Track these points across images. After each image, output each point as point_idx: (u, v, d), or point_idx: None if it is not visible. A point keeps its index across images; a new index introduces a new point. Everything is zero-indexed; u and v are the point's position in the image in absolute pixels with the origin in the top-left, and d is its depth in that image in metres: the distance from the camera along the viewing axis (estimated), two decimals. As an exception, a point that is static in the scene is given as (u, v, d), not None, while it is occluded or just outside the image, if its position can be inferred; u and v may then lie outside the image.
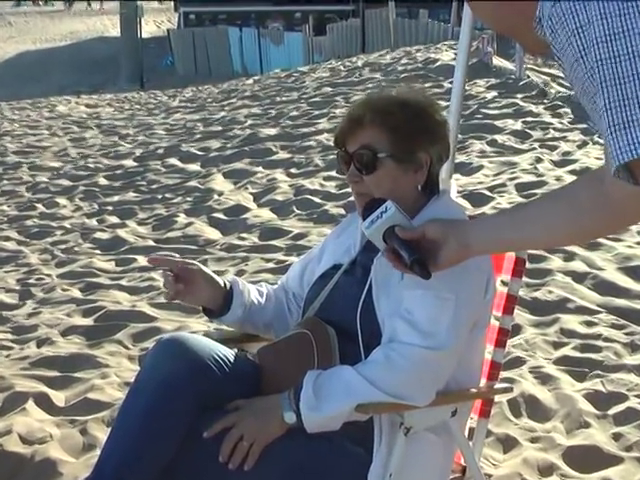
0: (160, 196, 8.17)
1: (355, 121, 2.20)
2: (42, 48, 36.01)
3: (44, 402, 3.70)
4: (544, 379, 3.75)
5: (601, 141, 1.45)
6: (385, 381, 2.01)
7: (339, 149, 2.24)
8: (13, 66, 30.62)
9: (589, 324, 4.36)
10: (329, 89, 13.13)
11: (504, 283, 2.45)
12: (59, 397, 3.79)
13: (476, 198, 6.74)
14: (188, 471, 2.05)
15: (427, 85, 11.25)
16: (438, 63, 13.37)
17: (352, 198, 2.34)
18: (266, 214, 7.19)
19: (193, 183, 8.49)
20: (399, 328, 2.06)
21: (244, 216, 7.12)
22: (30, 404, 3.63)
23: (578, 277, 4.99)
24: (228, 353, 2.19)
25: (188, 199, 7.91)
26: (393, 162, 2.17)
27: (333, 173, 8.15)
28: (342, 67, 15.95)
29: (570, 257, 5.31)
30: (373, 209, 1.89)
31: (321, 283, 2.30)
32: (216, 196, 7.83)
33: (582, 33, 1.24)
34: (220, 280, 2.33)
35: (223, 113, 12.87)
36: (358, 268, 2.24)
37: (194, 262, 2.33)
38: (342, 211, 6.69)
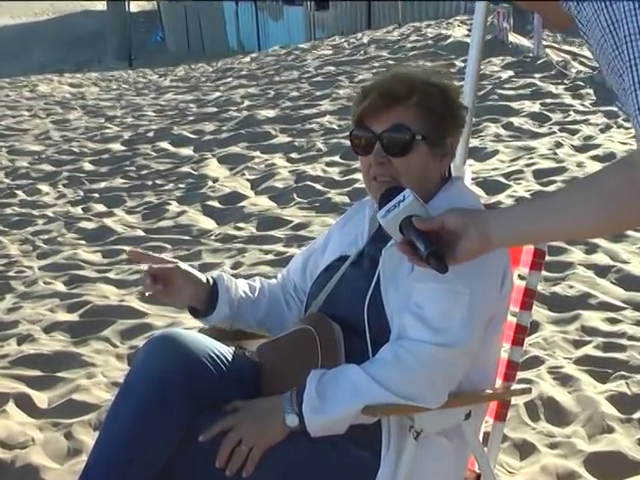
0: (150, 182, 8.17)
1: (391, 98, 2.17)
2: (21, 22, 35.98)
3: (25, 404, 3.70)
4: (564, 380, 3.75)
5: (626, 124, 1.45)
6: (394, 381, 2.01)
7: (359, 128, 2.22)
8: (-9, 42, 30.59)
9: (612, 321, 4.37)
10: (332, 68, 13.11)
11: (521, 277, 2.45)
12: (42, 398, 3.80)
13: (491, 185, 6.74)
14: (185, 475, 2.05)
15: (438, 64, 11.24)
16: (450, 40, 13.36)
17: (358, 185, 2.33)
18: (264, 202, 7.18)
19: (186, 169, 8.48)
20: (408, 323, 2.06)
21: (241, 204, 7.12)
22: (10, 406, 3.64)
23: (601, 271, 4.99)
24: (225, 351, 2.19)
25: (180, 186, 7.91)
26: (426, 146, 2.18)
27: (336, 158, 8.15)
28: (346, 44, 15.93)
29: (592, 249, 5.31)
30: (390, 197, 1.87)
31: (326, 276, 2.30)
32: (210, 183, 7.82)
33: (610, 7, 1.23)
34: (202, 277, 2.32)
35: (218, 93, 12.85)
36: (365, 259, 2.24)
37: (172, 260, 2.31)
38: (346, 199, 6.68)
